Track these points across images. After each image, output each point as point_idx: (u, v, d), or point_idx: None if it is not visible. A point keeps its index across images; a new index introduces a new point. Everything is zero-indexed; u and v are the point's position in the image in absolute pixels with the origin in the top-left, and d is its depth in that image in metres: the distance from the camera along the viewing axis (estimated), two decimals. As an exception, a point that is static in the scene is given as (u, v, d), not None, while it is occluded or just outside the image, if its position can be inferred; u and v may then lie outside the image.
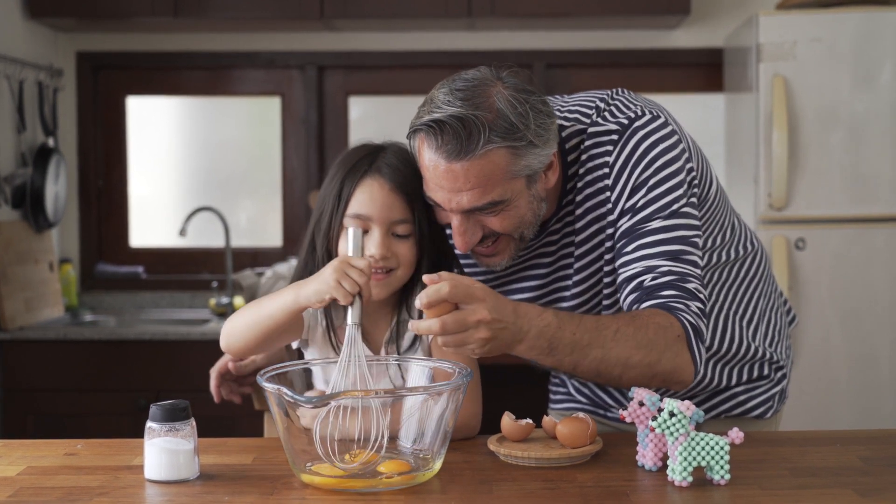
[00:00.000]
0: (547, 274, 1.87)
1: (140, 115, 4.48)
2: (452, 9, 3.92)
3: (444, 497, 1.44)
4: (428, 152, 1.65)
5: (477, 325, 1.52)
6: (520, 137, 1.63)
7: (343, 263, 1.61)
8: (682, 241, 1.72)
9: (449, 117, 1.61)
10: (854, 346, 3.54)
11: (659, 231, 1.72)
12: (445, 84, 1.67)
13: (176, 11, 3.95)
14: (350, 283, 1.59)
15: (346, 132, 4.42)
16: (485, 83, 1.65)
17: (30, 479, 1.53)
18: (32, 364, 3.71)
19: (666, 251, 1.71)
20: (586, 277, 1.83)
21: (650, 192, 1.73)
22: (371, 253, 1.71)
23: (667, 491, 1.46)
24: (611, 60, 4.28)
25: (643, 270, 1.71)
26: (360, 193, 1.73)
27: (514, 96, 1.64)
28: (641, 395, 1.54)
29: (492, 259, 1.77)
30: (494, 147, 1.62)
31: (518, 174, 1.66)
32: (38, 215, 3.99)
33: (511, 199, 1.67)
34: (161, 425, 1.51)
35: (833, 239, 3.54)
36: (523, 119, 1.63)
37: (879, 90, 3.52)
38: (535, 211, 1.73)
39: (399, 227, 1.74)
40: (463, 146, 1.61)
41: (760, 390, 2.01)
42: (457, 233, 1.70)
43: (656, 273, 1.70)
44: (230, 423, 3.38)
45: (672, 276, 1.70)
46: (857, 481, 1.48)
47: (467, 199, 1.65)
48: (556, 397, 2.17)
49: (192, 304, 4.34)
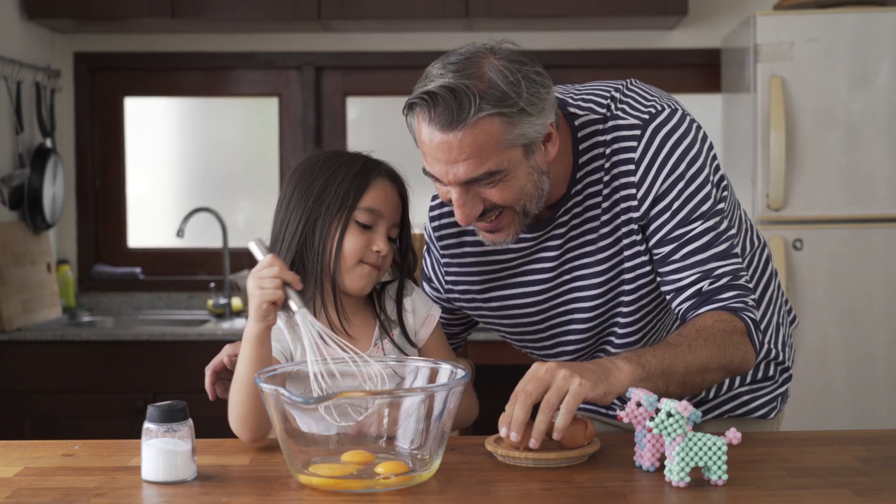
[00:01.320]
0: (554, 268, 1.86)
1: (137, 116, 4.48)
2: (450, 9, 3.92)
3: (442, 497, 1.44)
4: (423, 125, 1.66)
5: (548, 371, 1.53)
6: (511, 104, 1.62)
7: (253, 275, 1.65)
8: (724, 237, 1.77)
9: (440, 88, 1.62)
10: (851, 346, 3.54)
11: (704, 234, 1.75)
12: (440, 59, 1.68)
13: (173, 12, 3.96)
14: (269, 281, 1.63)
15: (343, 133, 4.42)
16: (477, 55, 1.66)
17: (27, 480, 1.53)
18: (30, 365, 3.70)
19: (715, 253, 1.75)
20: (608, 269, 1.82)
21: (683, 194, 1.75)
22: (378, 248, 1.76)
23: (664, 491, 1.46)
24: (608, 61, 4.29)
25: (700, 277, 1.75)
26: (375, 190, 1.77)
27: (506, 66, 1.64)
28: (639, 396, 1.54)
29: (495, 235, 1.76)
30: (486, 115, 1.61)
31: (513, 143, 1.65)
32: (36, 216, 3.99)
33: (508, 170, 1.66)
34: (158, 426, 1.51)
35: (830, 239, 3.54)
36: (515, 87, 1.63)
37: (876, 91, 3.52)
38: (535, 183, 1.71)
39: (394, 230, 1.80)
40: (454, 116, 1.61)
41: (765, 391, 2.02)
42: (457, 206, 1.70)
43: (713, 277, 1.75)
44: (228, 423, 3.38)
45: (727, 276, 1.75)
46: (855, 482, 1.48)
47: (463, 170, 1.65)
48: None
49: (190, 304, 4.34)
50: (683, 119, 1.78)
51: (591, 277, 1.84)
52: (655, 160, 1.75)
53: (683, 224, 1.75)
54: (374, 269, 1.77)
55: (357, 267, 1.76)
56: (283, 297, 1.64)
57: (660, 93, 1.84)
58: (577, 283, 1.86)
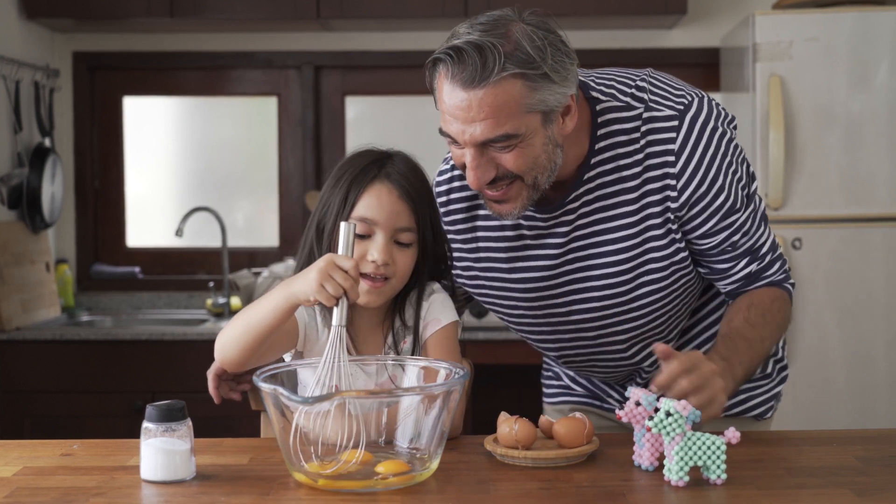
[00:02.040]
0: (559, 255, 1.84)
1: (136, 116, 4.47)
2: (449, 9, 3.92)
3: (441, 497, 1.44)
4: (445, 82, 1.65)
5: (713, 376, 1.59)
6: (536, 67, 1.62)
7: (328, 265, 1.57)
8: (761, 214, 1.86)
9: (466, 44, 1.62)
10: (851, 345, 3.54)
11: (746, 220, 1.82)
12: (468, 20, 1.69)
13: (172, 12, 3.95)
14: (333, 286, 1.56)
15: (342, 132, 4.42)
16: (506, 18, 1.67)
17: (26, 480, 1.53)
18: (29, 365, 3.70)
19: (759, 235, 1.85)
20: (628, 259, 1.82)
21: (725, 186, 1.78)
22: (373, 258, 1.69)
23: (663, 491, 1.46)
24: (607, 60, 4.27)
25: (749, 261, 1.84)
26: (368, 197, 1.71)
27: (534, 31, 1.65)
28: (638, 395, 1.54)
29: (503, 206, 1.74)
30: (509, 75, 1.61)
31: (533, 108, 1.65)
32: (35, 216, 3.99)
33: (525, 135, 1.66)
34: (157, 425, 1.51)
35: (829, 239, 3.54)
36: (541, 52, 1.63)
37: (875, 90, 3.52)
38: (549, 155, 1.70)
39: (402, 235, 1.72)
40: (478, 73, 1.61)
41: (762, 390, 2.01)
42: (469, 168, 1.69)
43: (759, 258, 1.85)
44: (227, 423, 3.38)
45: (770, 252, 1.87)
46: (854, 481, 1.48)
47: (480, 130, 1.64)
48: (550, 391, 2.16)
49: (189, 304, 4.34)
50: (712, 107, 1.81)
51: (604, 267, 1.83)
52: (695, 152, 1.76)
53: (728, 216, 1.80)
54: (373, 283, 1.70)
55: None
56: (333, 304, 1.58)
57: (682, 82, 1.87)
58: (583, 274, 1.84)
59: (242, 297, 4.08)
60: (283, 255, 4.34)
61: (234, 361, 1.68)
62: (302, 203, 4.34)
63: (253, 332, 1.64)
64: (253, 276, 4.11)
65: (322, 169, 4.39)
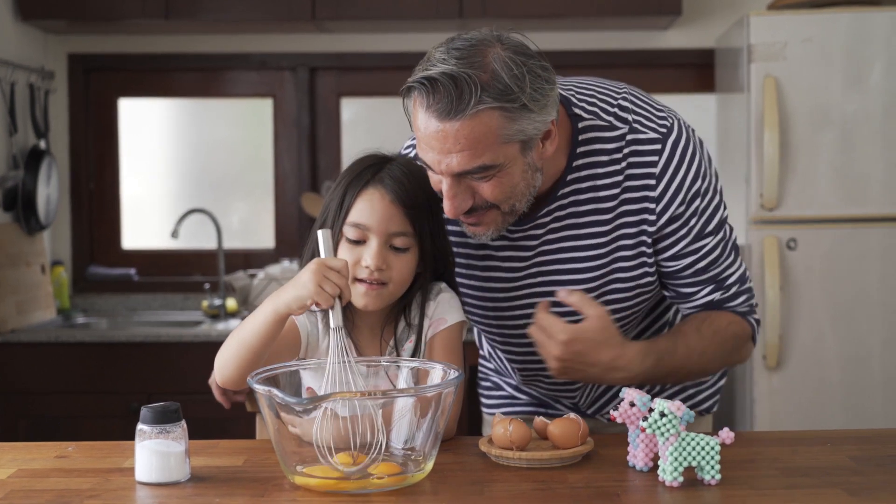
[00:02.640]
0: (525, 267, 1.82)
1: (132, 117, 4.47)
2: (443, 10, 3.92)
3: (436, 498, 1.44)
4: (420, 111, 1.61)
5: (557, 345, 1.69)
6: (514, 99, 1.57)
7: (321, 266, 1.58)
8: (731, 243, 1.84)
9: (441, 75, 1.56)
10: (845, 346, 3.55)
11: (715, 248, 1.81)
12: (444, 43, 1.62)
13: (167, 13, 3.95)
14: (331, 286, 1.57)
15: (338, 134, 4.42)
16: (483, 43, 1.60)
17: (20, 482, 1.53)
18: (24, 367, 3.70)
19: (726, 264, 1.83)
20: (596, 278, 1.79)
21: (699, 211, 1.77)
22: (367, 263, 1.69)
23: (658, 491, 1.46)
24: (602, 61, 4.29)
25: (713, 289, 1.83)
26: (361, 203, 1.71)
27: (512, 58, 1.58)
28: (632, 396, 1.54)
29: (477, 228, 1.72)
30: (486, 108, 1.56)
31: (511, 139, 1.60)
32: (30, 217, 3.99)
33: (503, 165, 1.62)
34: (152, 427, 1.51)
35: (824, 239, 3.55)
36: (519, 81, 1.57)
37: (870, 90, 3.53)
38: (528, 181, 1.67)
39: (397, 240, 1.71)
40: (454, 105, 1.55)
41: (707, 384, 2.04)
42: (447, 197, 1.65)
43: (724, 288, 1.83)
44: (222, 425, 3.38)
45: (736, 284, 1.84)
46: (848, 481, 1.48)
47: (457, 162, 1.60)
48: (490, 402, 2.14)
49: (185, 306, 4.34)
50: (690, 132, 1.80)
51: (568, 284, 1.80)
52: (676, 176, 1.75)
53: (698, 239, 1.79)
54: (369, 287, 1.70)
55: (353, 285, 1.70)
56: (330, 306, 1.59)
57: (660, 102, 1.85)
58: (545, 289, 1.82)
59: (238, 299, 4.09)
60: (279, 256, 4.34)
61: (235, 380, 1.69)
62: (297, 205, 4.34)
63: (246, 349, 1.65)
64: (249, 278, 4.11)
65: (317, 170, 4.39)
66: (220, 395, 1.83)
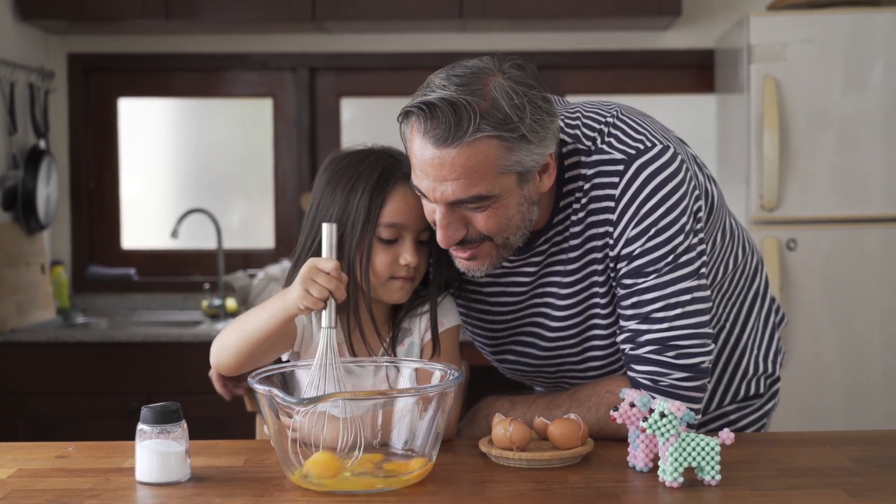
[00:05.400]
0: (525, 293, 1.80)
1: (132, 117, 4.47)
2: (444, 10, 3.92)
3: (436, 498, 1.44)
4: (417, 136, 1.58)
5: None
6: (512, 129, 1.54)
7: (310, 270, 1.59)
8: (674, 292, 1.65)
9: (440, 101, 1.54)
10: (845, 346, 3.55)
11: (650, 290, 1.66)
12: (445, 69, 1.61)
13: (167, 13, 3.95)
14: (318, 289, 1.58)
15: (337, 134, 4.42)
16: (484, 72, 1.57)
17: (21, 482, 1.53)
18: (24, 367, 3.70)
19: (651, 314, 1.66)
20: (573, 305, 1.76)
21: (649, 243, 1.65)
22: (406, 261, 1.71)
23: (658, 492, 1.46)
24: (602, 62, 4.29)
25: (628, 337, 1.68)
26: (393, 203, 1.70)
27: (513, 87, 1.56)
28: (632, 396, 1.54)
29: (471, 263, 1.68)
30: (484, 136, 1.53)
31: (508, 169, 1.57)
32: (30, 217, 3.99)
33: (499, 196, 1.59)
34: (152, 427, 1.51)
35: (824, 239, 3.55)
36: (519, 111, 1.54)
37: (870, 91, 3.53)
38: (523, 214, 1.64)
39: (424, 234, 1.73)
40: (451, 132, 1.53)
41: (752, 408, 1.95)
42: (439, 226, 1.62)
43: (635, 343, 1.67)
44: (222, 425, 3.38)
45: (650, 346, 1.66)
46: (848, 482, 1.48)
47: (451, 190, 1.57)
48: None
49: (184, 306, 4.34)
50: (673, 159, 1.67)
51: (557, 310, 1.78)
52: (634, 200, 1.65)
53: (635, 274, 1.66)
54: (406, 281, 1.73)
55: (388, 282, 1.72)
56: (321, 308, 1.60)
57: (653, 124, 1.73)
58: (539, 319, 1.81)
59: (238, 299, 4.08)
60: (279, 256, 4.34)
61: (230, 367, 1.71)
62: (297, 205, 4.33)
63: (249, 340, 1.66)
64: (248, 278, 4.11)
65: (317, 170, 4.38)
66: (221, 387, 1.84)
